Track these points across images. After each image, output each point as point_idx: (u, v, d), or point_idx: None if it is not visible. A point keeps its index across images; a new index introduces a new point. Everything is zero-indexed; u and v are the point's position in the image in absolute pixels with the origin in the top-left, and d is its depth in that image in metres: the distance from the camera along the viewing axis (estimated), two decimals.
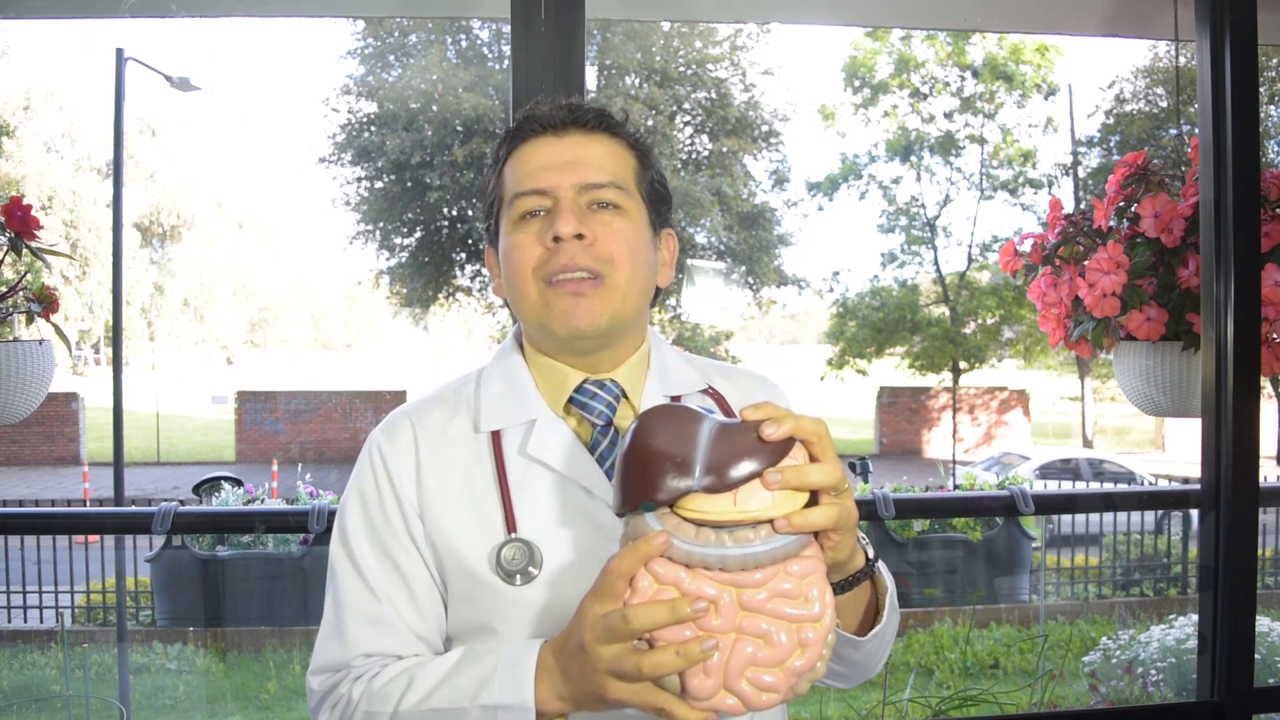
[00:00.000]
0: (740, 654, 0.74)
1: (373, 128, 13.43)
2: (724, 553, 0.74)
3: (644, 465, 0.77)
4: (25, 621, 6.41)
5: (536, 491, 1.01)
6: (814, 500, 0.79)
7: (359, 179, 13.86)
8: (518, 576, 0.98)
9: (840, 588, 0.90)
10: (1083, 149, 15.38)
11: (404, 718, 0.92)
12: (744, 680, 0.74)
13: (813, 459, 0.79)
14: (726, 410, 1.09)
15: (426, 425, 1.04)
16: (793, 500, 0.76)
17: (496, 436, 1.03)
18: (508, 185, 1.05)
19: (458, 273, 14.36)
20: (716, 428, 0.78)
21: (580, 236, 0.99)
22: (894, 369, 16.04)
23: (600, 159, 1.03)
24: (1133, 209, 1.92)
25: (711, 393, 1.12)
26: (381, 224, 13.90)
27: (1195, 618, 2.03)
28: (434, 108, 13.10)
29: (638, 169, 1.07)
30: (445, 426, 1.05)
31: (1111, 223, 1.96)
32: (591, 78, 13.33)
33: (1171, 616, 3.99)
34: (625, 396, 1.07)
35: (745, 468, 0.75)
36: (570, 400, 1.05)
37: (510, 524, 0.99)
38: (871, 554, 0.94)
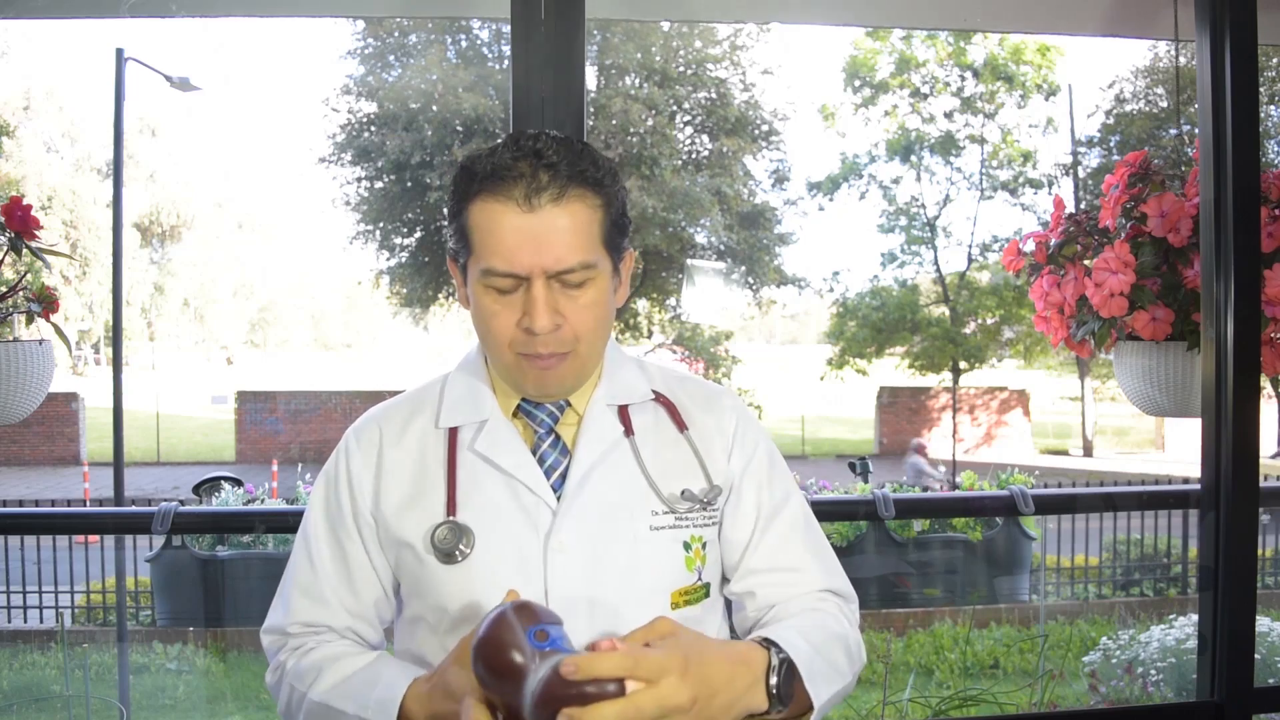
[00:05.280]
0: None
1: (373, 128, 13.42)
2: None
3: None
4: (25, 621, 6.40)
5: (479, 483, 1.10)
6: None
7: (359, 179, 13.85)
8: (449, 555, 1.07)
9: None
10: (1083, 149, 15.35)
11: (309, 704, 1.06)
12: None
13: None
14: (676, 418, 1.16)
15: (392, 425, 1.15)
16: None
17: (454, 433, 1.13)
18: (475, 242, 1.02)
19: None
20: (543, 673, 0.81)
21: (556, 326, 1.03)
22: (894, 369, 16.01)
23: (569, 234, 1.00)
24: (1139, 208, 1.91)
25: (661, 400, 1.17)
26: (381, 224, 13.88)
27: (1195, 618, 2.03)
28: (434, 108, 13.08)
29: (604, 221, 1.04)
30: (409, 422, 1.15)
31: (1117, 221, 1.95)
32: (591, 78, 13.32)
33: (1171, 616, 3.98)
34: (570, 405, 1.14)
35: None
36: (518, 407, 1.14)
37: (450, 509, 1.09)
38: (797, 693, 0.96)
